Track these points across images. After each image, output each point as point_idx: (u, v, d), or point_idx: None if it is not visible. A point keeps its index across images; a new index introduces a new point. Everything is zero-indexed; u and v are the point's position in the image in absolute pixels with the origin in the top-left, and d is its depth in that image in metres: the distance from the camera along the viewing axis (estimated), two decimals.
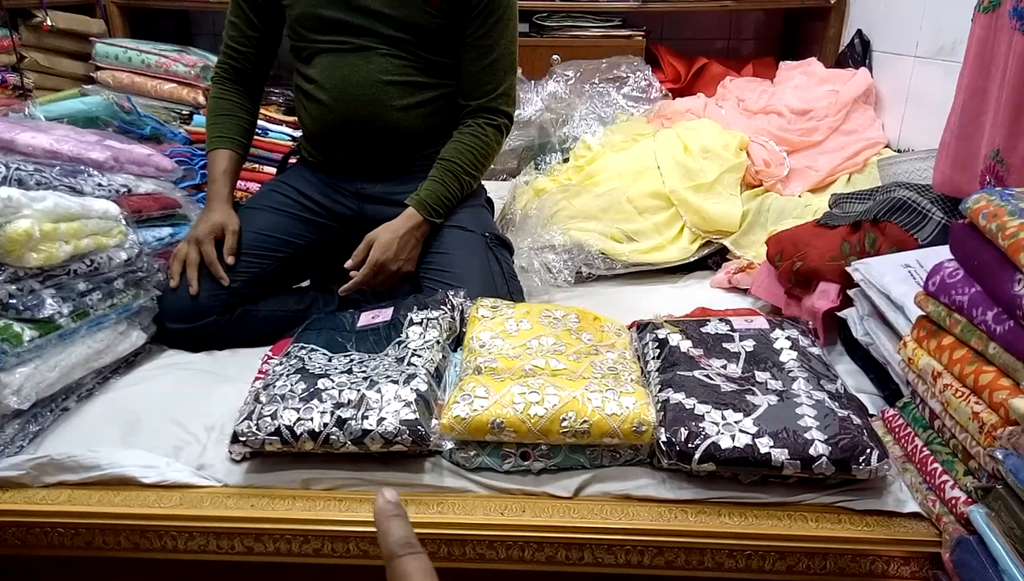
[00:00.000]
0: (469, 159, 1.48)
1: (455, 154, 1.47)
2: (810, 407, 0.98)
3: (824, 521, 0.95)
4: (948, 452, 0.93)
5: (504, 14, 1.45)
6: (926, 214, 1.30)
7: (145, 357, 1.31)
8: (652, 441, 0.97)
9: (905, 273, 1.15)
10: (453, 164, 1.47)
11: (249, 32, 1.52)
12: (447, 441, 1.01)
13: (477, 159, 1.49)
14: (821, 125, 2.00)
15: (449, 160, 1.47)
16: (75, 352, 1.11)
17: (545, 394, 0.98)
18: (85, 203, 1.15)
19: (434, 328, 1.18)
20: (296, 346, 1.17)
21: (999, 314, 0.84)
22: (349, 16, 1.42)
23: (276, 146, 2.20)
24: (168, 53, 2.25)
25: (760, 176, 1.91)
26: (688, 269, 1.80)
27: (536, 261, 1.66)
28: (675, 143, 1.95)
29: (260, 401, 1.02)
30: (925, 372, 0.95)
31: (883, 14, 2.13)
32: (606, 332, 1.22)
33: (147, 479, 1.01)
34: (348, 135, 1.47)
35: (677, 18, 2.61)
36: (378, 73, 1.43)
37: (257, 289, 1.41)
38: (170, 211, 1.47)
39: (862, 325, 1.22)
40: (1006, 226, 0.83)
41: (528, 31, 2.42)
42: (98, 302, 1.16)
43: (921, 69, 1.88)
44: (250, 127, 1.58)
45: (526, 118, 2.32)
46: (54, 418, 1.11)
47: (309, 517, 0.97)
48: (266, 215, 1.48)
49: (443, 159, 1.47)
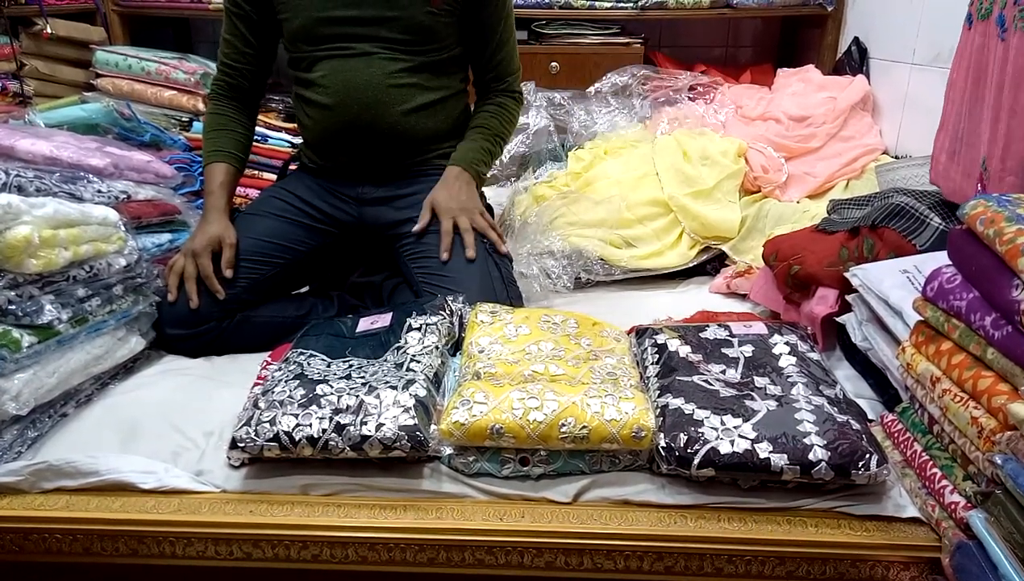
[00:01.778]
0: (496, 122, 1.57)
1: (484, 120, 1.57)
2: (809, 412, 0.98)
3: (824, 526, 0.95)
4: (947, 457, 0.93)
5: (509, 1, 1.53)
6: (924, 220, 1.31)
7: (144, 363, 1.31)
8: (651, 446, 0.97)
9: (903, 279, 1.15)
10: (483, 127, 1.55)
11: (244, 49, 1.52)
12: (446, 447, 1.01)
13: (503, 124, 1.59)
14: (819, 132, 2.00)
15: (479, 125, 1.56)
16: (74, 358, 1.11)
17: (544, 399, 0.98)
18: (84, 209, 1.15)
19: (433, 333, 1.18)
20: (295, 352, 1.17)
21: (997, 319, 0.84)
22: (350, 25, 1.43)
23: (276, 153, 2.20)
24: (168, 60, 2.26)
25: (758, 182, 1.92)
26: (687, 274, 1.80)
27: (535, 267, 1.66)
28: (674, 149, 1.96)
29: (259, 407, 1.02)
30: (924, 377, 0.95)
31: (880, 22, 2.14)
32: (605, 337, 1.22)
33: (145, 485, 1.01)
34: (351, 138, 1.48)
35: (675, 26, 2.62)
36: (381, 76, 1.44)
37: (256, 295, 1.41)
38: (169, 217, 1.47)
39: (861, 330, 1.22)
40: (1003, 232, 0.83)
41: (527, 39, 2.42)
42: (97, 308, 1.16)
43: (918, 76, 1.89)
44: (247, 141, 1.58)
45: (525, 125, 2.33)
46: (52, 424, 1.11)
47: (308, 523, 0.97)
48: (266, 221, 1.48)
49: (474, 126, 1.57)
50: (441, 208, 1.43)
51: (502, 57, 1.56)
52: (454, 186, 1.46)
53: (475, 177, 1.50)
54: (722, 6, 2.33)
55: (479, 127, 1.56)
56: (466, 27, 1.50)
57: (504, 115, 1.59)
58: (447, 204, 1.43)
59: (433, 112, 1.50)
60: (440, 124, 1.53)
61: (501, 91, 1.60)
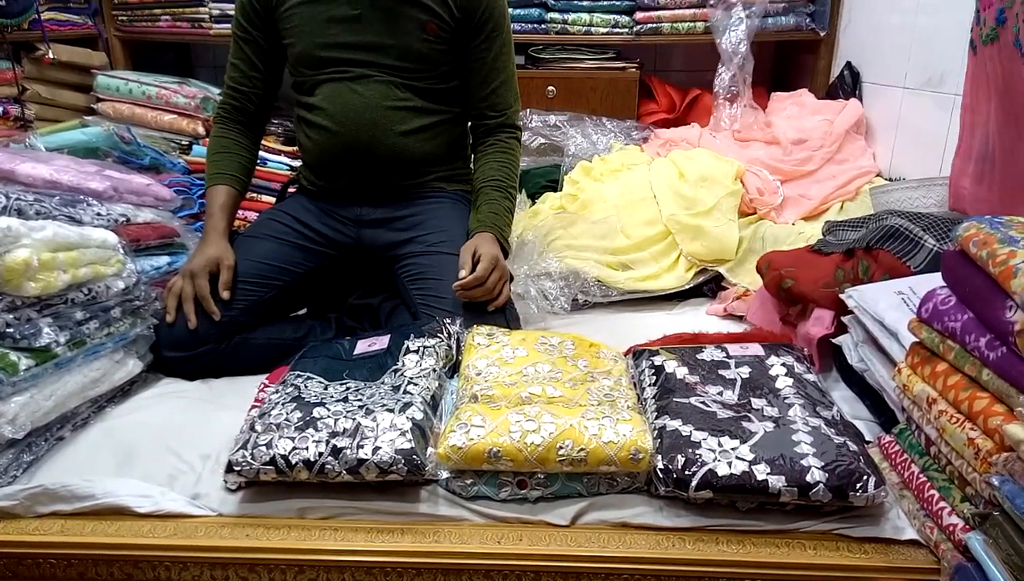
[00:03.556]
0: (507, 172, 1.54)
1: (495, 171, 1.53)
2: (806, 434, 0.98)
3: (822, 549, 0.95)
4: (945, 479, 0.93)
5: (505, 33, 1.53)
6: (918, 242, 1.32)
7: (141, 386, 1.31)
8: (649, 468, 0.97)
9: (898, 300, 1.16)
10: (497, 181, 1.52)
11: (251, 73, 1.54)
12: (443, 470, 1.00)
13: (513, 172, 1.56)
14: (816, 155, 2.02)
15: (493, 180, 1.52)
16: (71, 381, 1.11)
17: (542, 422, 0.98)
18: (84, 233, 1.16)
19: (430, 356, 1.18)
20: (292, 374, 1.17)
21: (992, 340, 0.84)
22: (349, 51, 1.45)
23: (275, 176, 2.22)
24: (168, 85, 2.28)
25: (754, 204, 1.93)
26: (684, 296, 1.81)
27: (533, 288, 1.67)
28: (671, 171, 1.97)
29: (255, 430, 1.02)
30: (920, 398, 0.95)
31: (872, 47, 2.17)
32: (602, 359, 1.22)
33: (141, 509, 1.01)
34: (350, 160, 1.49)
35: (670, 50, 2.65)
36: (379, 99, 1.46)
37: (254, 317, 1.41)
38: (168, 240, 1.47)
39: (857, 352, 1.22)
40: (996, 254, 0.84)
41: (524, 63, 2.45)
42: (95, 331, 1.16)
43: (910, 100, 1.91)
44: (250, 165, 1.59)
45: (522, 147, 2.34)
46: (48, 447, 1.10)
47: (304, 547, 0.97)
48: (264, 243, 1.48)
49: (488, 180, 1.53)
50: (486, 254, 1.37)
51: (496, 86, 1.54)
52: (495, 246, 1.42)
53: (503, 242, 1.47)
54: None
55: (494, 182, 1.52)
56: (461, 55, 1.51)
57: (511, 161, 1.56)
58: (492, 252, 1.38)
59: (431, 134, 1.52)
60: (438, 146, 1.54)
61: (499, 126, 1.56)
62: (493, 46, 1.51)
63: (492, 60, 1.52)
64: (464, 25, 1.47)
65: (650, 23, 2.35)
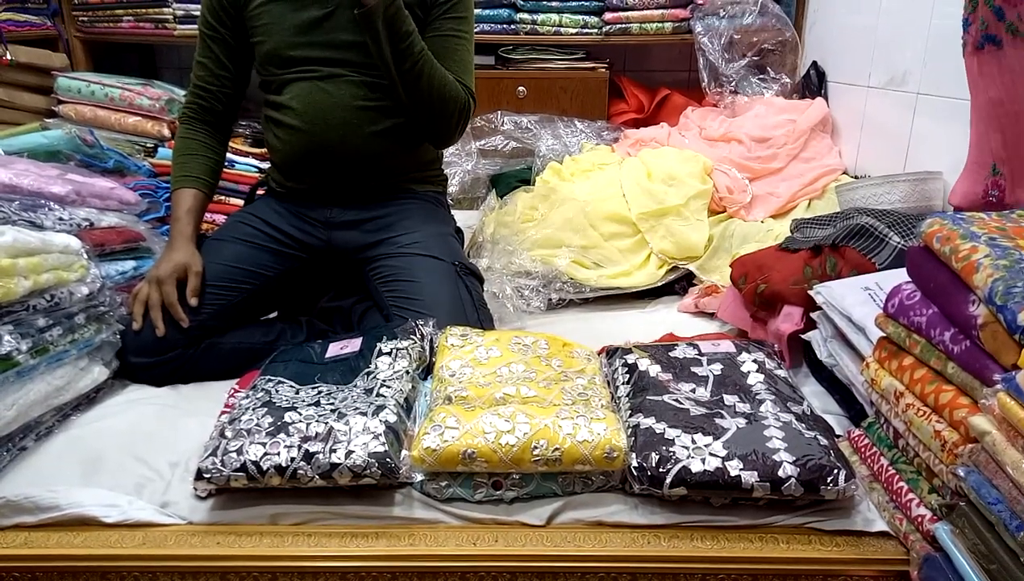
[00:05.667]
0: (440, 69, 1.42)
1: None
2: (778, 429, 1.00)
3: (795, 542, 0.96)
4: (913, 471, 0.95)
5: (466, 23, 1.49)
6: (884, 239, 1.34)
7: (107, 393, 1.28)
8: (624, 467, 0.98)
9: (865, 295, 1.18)
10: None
11: (219, 72, 1.52)
12: (418, 473, 1.00)
13: (445, 76, 1.42)
14: (781, 152, 2.05)
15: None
16: (34, 389, 1.08)
17: (516, 422, 0.98)
18: (45, 238, 1.13)
19: (403, 358, 1.17)
20: (263, 379, 1.15)
21: (956, 334, 0.86)
22: (319, 49, 1.43)
23: (243, 178, 2.19)
24: (132, 86, 2.23)
25: (724, 202, 1.95)
26: (656, 294, 1.82)
27: (508, 287, 1.67)
28: (640, 170, 1.99)
29: (225, 436, 1.00)
30: (888, 392, 0.97)
31: (837, 47, 2.20)
32: (576, 358, 1.22)
33: (108, 519, 0.98)
34: (319, 160, 1.47)
35: (640, 51, 2.67)
36: (349, 98, 1.44)
37: (223, 321, 1.39)
38: (133, 244, 1.44)
39: (826, 347, 1.24)
40: (959, 249, 0.86)
41: (494, 64, 2.45)
42: (58, 338, 1.13)
43: (874, 99, 1.94)
44: (217, 167, 1.56)
45: (492, 147, 2.35)
46: (11, 458, 1.07)
47: (277, 553, 0.95)
48: (233, 246, 1.46)
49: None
50: None
51: (448, 66, 1.44)
52: None
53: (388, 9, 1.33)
54: (684, 32, 2.39)
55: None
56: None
57: (450, 79, 1.43)
58: None
59: (400, 135, 1.51)
60: (409, 147, 1.53)
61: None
62: (445, 26, 1.46)
63: (443, 40, 1.44)
64: (428, 12, 1.45)
65: (619, 23, 2.37)
